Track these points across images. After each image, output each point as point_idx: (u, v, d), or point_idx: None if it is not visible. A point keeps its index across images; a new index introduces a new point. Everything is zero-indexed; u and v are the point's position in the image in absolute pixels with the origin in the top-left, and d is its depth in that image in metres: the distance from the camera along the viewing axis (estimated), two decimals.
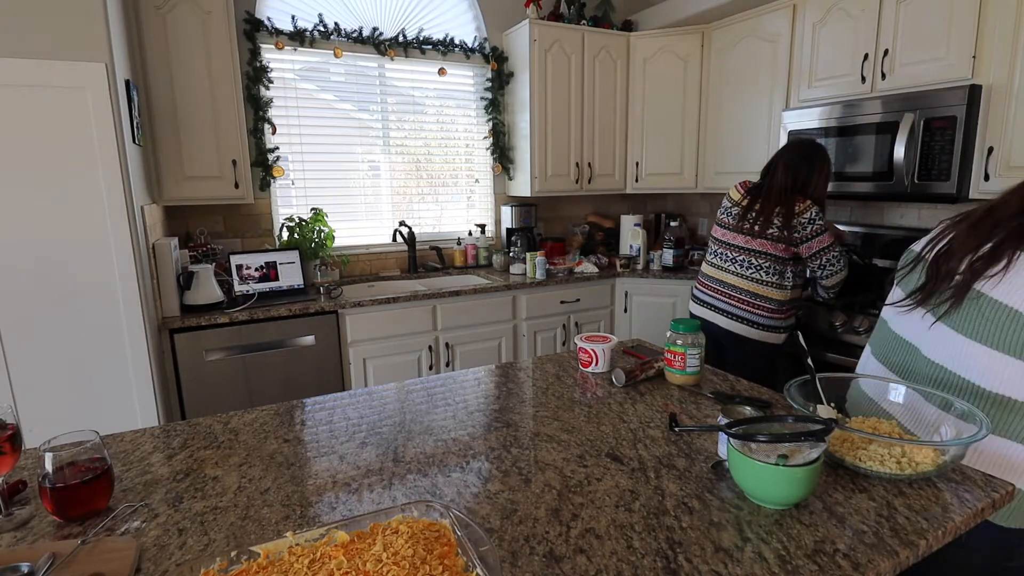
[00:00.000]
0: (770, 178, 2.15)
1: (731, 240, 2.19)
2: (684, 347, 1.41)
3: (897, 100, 2.27)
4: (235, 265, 2.63)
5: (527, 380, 1.52)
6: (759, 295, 2.11)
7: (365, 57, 3.10)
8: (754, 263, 2.12)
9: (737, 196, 2.21)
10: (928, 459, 0.94)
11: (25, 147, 1.87)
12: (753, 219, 2.11)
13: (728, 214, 2.23)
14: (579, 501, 0.92)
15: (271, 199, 3.00)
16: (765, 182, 2.16)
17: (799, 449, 0.89)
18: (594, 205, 3.93)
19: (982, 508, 0.89)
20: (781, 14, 2.82)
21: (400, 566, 0.69)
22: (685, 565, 0.76)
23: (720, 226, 2.26)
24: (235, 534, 0.86)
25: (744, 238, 2.14)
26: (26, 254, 1.90)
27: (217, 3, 2.47)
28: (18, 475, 1.02)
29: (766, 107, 2.95)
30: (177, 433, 1.23)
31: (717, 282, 2.23)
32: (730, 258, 2.19)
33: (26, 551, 0.79)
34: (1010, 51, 2.00)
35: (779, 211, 2.06)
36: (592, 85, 3.34)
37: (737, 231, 2.17)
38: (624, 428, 1.20)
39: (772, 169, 2.17)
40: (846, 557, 0.77)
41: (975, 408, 0.99)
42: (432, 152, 3.42)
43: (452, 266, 3.44)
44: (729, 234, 2.20)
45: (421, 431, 1.21)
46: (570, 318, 3.24)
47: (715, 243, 2.28)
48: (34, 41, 1.84)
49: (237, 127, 2.60)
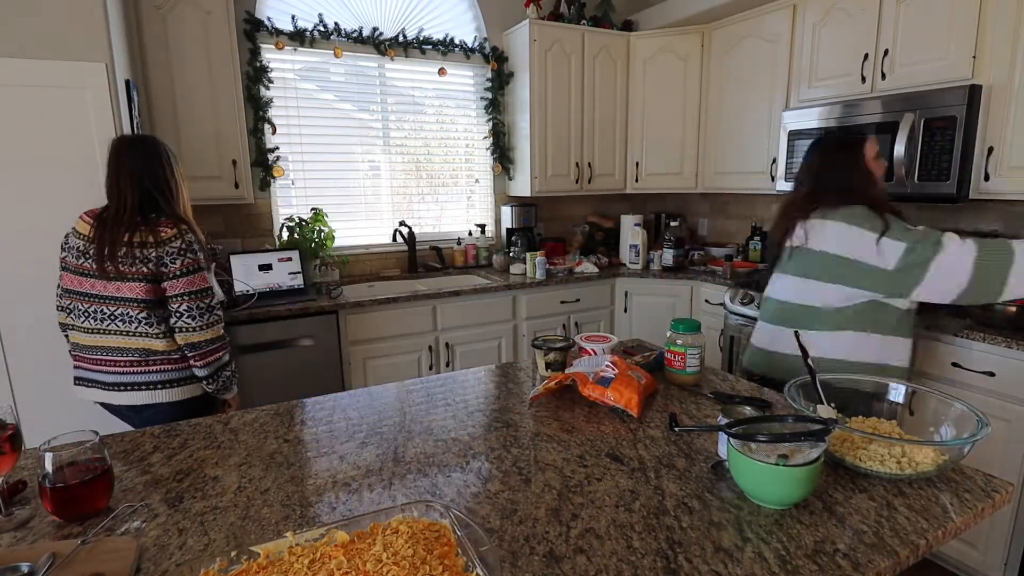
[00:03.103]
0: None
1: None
2: (684, 347, 1.41)
3: (897, 100, 2.27)
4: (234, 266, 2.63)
5: (527, 380, 1.52)
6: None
7: (365, 57, 3.10)
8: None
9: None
10: (928, 459, 0.94)
11: (25, 147, 1.87)
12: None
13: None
14: (579, 501, 0.92)
15: (271, 199, 2.99)
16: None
17: (799, 449, 0.89)
18: (594, 205, 3.93)
19: (982, 508, 0.89)
20: (781, 14, 2.82)
21: (400, 566, 0.69)
22: (685, 565, 0.76)
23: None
24: (235, 534, 0.86)
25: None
26: (26, 254, 1.89)
27: (217, 3, 2.47)
28: (18, 475, 1.02)
29: (766, 107, 2.95)
30: (177, 433, 1.23)
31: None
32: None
33: (26, 551, 0.79)
34: (1010, 51, 2.00)
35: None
36: (592, 85, 3.34)
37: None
38: (624, 428, 1.20)
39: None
40: (846, 557, 0.77)
41: (975, 408, 1.00)
42: (432, 152, 3.42)
43: (452, 266, 3.44)
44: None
45: (421, 431, 1.21)
46: (570, 318, 3.24)
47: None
48: (34, 41, 1.84)
49: (237, 127, 2.60)
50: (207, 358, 1.62)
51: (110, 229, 1.54)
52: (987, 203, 2.33)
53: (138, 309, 1.56)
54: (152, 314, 1.57)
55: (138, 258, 1.53)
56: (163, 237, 1.55)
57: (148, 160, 1.61)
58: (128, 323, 1.56)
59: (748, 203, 3.52)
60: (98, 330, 1.58)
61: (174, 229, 1.57)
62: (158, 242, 1.54)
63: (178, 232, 1.57)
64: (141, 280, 1.54)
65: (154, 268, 1.54)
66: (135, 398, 1.59)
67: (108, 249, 1.53)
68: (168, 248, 1.55)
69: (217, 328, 1.64)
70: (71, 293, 1.60)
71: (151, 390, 1.59)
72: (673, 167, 3.47)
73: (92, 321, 1.58)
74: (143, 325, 1.57)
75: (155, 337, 1.58)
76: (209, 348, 1.62)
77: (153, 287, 1.56)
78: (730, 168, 3.22)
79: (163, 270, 1.55)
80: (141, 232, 1.54)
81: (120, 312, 1.56)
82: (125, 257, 1.53)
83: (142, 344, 1.58)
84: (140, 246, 1.53)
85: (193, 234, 1.61)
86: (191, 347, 1.60)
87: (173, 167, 1.67)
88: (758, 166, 3.03)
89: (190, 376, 1.64)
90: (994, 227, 2.33)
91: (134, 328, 1.57)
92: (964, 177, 2.13)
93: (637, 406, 1.24)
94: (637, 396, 1.25)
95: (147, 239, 1.54)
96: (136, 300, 1.55)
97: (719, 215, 3.75)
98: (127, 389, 1.59)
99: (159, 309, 1.58)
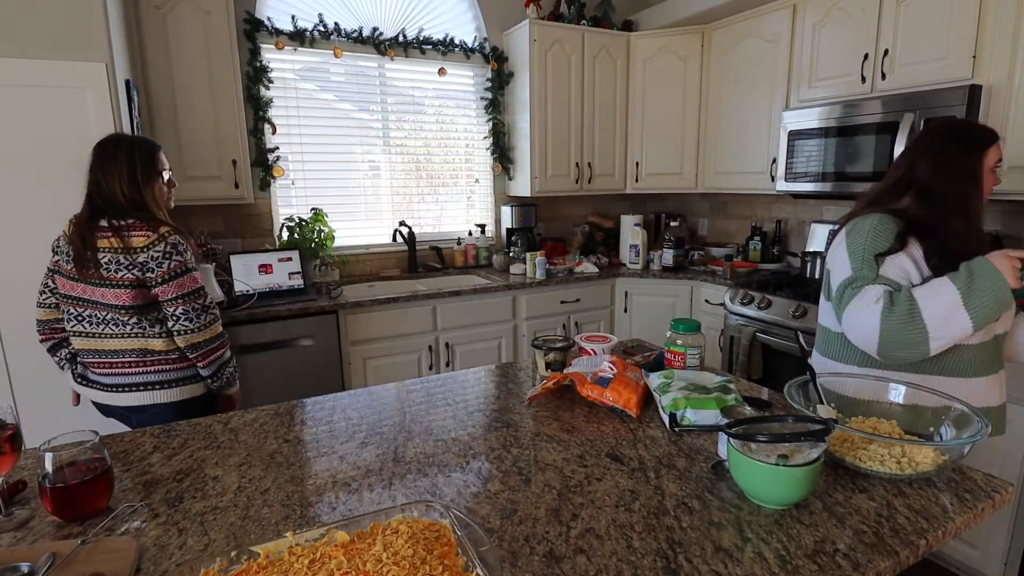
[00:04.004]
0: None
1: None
2: (684, 347, 1.41)
3: (897, 100, 2.27)
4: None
5: (527, 380, 1.52)
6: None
7: (365, 57, 3.10)
8: None
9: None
10: (928, 459, 0.94)
11: (25, 147, 1.87)
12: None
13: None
14: (579, 501, 0.92)
15: (271, 199, 2.99)
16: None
17: (799, 449, 0.89)
18: (594, 205, 3.93)
19: (982, 508, 0.89)
20: (781, 14, 2.82)
21: (400, 566, 0.69)
22: (685, 565, 0.76)
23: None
24: (235, 534, 0.86)
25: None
26: (26, 254, 1.89)
27: (217, 3, 2.47)
28: (18, 475, 1.02)
29: (766, 107, 2.95)
30: (177, 433, 1.23)
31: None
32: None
33: (26, 551, 0.79)
34: (1010, 51, 2.00)
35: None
36: (592, 85, 3.34)
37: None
38: (624, 428, 1.20)
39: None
40: (846, 557, 0.77)
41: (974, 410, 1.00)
42: (432, 152, 3.42)
43: (452, 266, 3.44)
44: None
45: (421, 431, 1.21)
46: (570, 318, 3.24)
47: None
48: (35, 41, 1.84)
49: (237, 127, 2.60)
50: (209, 357, 1.62)
51: (79, 233, 1.52)
52: (987, 203, 2.32)
53: (127, 315, 1.54)
54: (143, 318, 1.56)
55: (123, 264, 1.50)
56: (142, 243, 1.50)
57: (109, 161, 1.56)
58: (122, 327, 1.56)
59: (748, 203, 3.52)
60: (94, 334, 1.57)
61: (154, 233, 1.51)
62: (139, 247, 1.50)
63: (159, 236, 1.52)
64: (127, 287, 1.51)
65: (139, 274, 1.51)
66: (134, 399, 1.58)
67: (77, 252, 1.51)
68: (152, 253, 1.50)
69: (215, 326, 1.63)
70: (66, 298, 1.59)
71: (150, 390, 1.59)
72: (673, 167, 3.47)
73: (87, 325, 1.57)
74: (136, 328, 1.56)
75: (152, 337, 1.57)
76: (210, 347, 1.62)
77: (140, 292, 1.53)
78: (730, 168, 3.22)
79: (149, 275, 1.51)
80: (116, 237, 1.50)
81: (111, 317, 1.55)
82: (109, 264, 1.50)
83: (139, 344, 1.57)
84: (123, 252, 1.50)
85: (178, 235, 1.57)
86: (192, 348, 1.59)
87: (145, 166, 1.59)
88: (758, 166, 3.03)
89: (189, 376, 1.64)
90: (994, 227, 2.32)
91: (128, 331, 1.56)
92: None
93: (636, 406, 1.24)
94: (636, 396, 1.25)
95: (125, 244, 1.50)
96: (123, 307, 1.53)
97: (719, 215, 3.75)
98: (126, 390, 1.58)
99: (150, 312, 1.56)
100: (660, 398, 1.25)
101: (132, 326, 1.55)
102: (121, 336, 1.56)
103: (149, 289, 1.53)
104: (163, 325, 1.58)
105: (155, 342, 1.57)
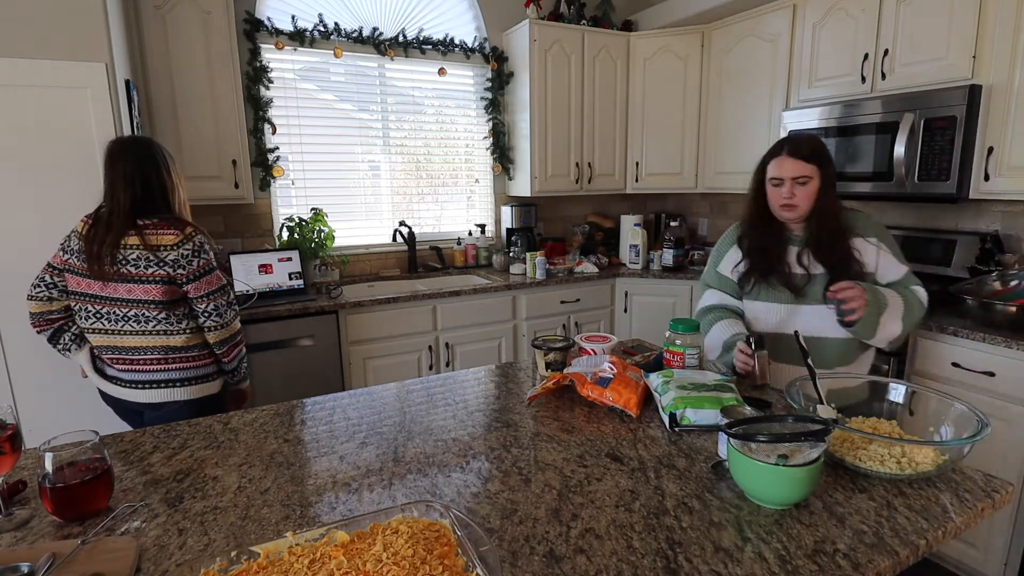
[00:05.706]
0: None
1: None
2: (683, 347, 1.41)
3: (897, 100, 2.27)
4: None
5: (527, 380, 1.52)
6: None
7: (365, 57, 3.10)
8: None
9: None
10: (928, 459, 0.94)
11: (25, 147, 1.87)
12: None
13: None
14: (579, 501, 0.92)
15: (271, 199, 2.99)
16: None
17: (799, 449, 0.89)
18: (594, 205, 3.93)
19: (982, 508, 0.89)
20: (781, 14, 2.82)
21: (400, 566, 0.69)
22: (685, 565, 0.76)
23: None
24: (235, 534, 0.86)
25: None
26: (27, 254, 1.89)
27: (217, 3, 2.47)
28: (18, 475, 1.02)
29: (766, 107, 2.95)
30: (177, 433, 1.23)
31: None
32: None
33: (26, 551, 0.79)
34: (1010, 51, 2.00)
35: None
36: (592, 85, 3.34)
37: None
38: (624, 428, 1.20)
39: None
40: (846, 557, 0.77)
41: (975, 409, 1.00)
42: (432, 152, 3.42)
43: (452, 266, 3.44)
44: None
45: (421, 431, 1.21)
46: (570, 318, 3.24)
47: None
48: (34, 41, 1.84)
49: (237, 127, 2.60)
50: (233, 351, 1.68)
51: (100, 231, 1.54)
52: (987, 203, 2.33)
53: (156, 310, 1.56)
54: (171, 313, 1.58)
55: (152, 261, 1.53)
56: (171, 241, 1.54)
57: (140, 162, 1.59)
58: (145, 323, 1.57)
59: None
60: (113, 331, 1.58)
61: (181, 233, 1.56)
62: (168, 245, 1.54)
63: (186, 236, 1.57)
64: (158, 282, 1.55)
65: (170, 271, 1.55)
66: (154, 395, 1.61)
67: (97, 250, 1.52)
68: (182, 251, 1.55)
69: (238, 321, 1.70)
70: (81, 296, 1.59)
71: (171, 387, 1.61)
72: (673, 167, 3.46)
73: (106, 322, 1.58)
74: (162, 324, 1.58)
75: (173, 334, 1.60)
76: (234, 342, 1.68)
77: (170, 288, 1.56)
78: (730, 168, 3.22)
79: (180, 272, 1.55)
80: (143, 235, 1.53)
81: (134, 313, 1.56)
82: (138, 260, 1.53)
83: (160, 342, 1.59)
84: (153, 249, 1.53)
85: (202, 235, 1.62)
86: (221, 343, 1.65)
87: (168, 167, 1.66)
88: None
89: (207, 374, 1.66)
90: (994, 227, 2.33)
91: (151, 327, 1.58)
92: (964, 177, 2.13)
93: (636, 406, 1.24)
94: (636, 396, 1.25)
95: (155, 242, 1.53)
96: (154, 302, 1.55)
97: (719, 215, 3.75)
98: (147, 387, 1.60)
99: (178, 308, 1.60)
100: (660, 398, 1.25)
101: (159, 322, 1.57)
102: (142, 333, 1.58)
103: (180, 286, 1.58)
104: (189, 321, 1.62)
105: (176, 339, 1.60)
